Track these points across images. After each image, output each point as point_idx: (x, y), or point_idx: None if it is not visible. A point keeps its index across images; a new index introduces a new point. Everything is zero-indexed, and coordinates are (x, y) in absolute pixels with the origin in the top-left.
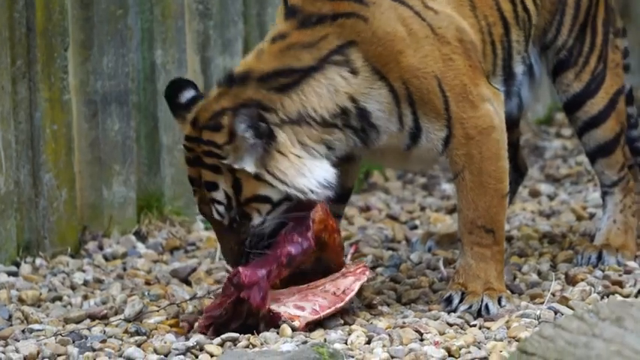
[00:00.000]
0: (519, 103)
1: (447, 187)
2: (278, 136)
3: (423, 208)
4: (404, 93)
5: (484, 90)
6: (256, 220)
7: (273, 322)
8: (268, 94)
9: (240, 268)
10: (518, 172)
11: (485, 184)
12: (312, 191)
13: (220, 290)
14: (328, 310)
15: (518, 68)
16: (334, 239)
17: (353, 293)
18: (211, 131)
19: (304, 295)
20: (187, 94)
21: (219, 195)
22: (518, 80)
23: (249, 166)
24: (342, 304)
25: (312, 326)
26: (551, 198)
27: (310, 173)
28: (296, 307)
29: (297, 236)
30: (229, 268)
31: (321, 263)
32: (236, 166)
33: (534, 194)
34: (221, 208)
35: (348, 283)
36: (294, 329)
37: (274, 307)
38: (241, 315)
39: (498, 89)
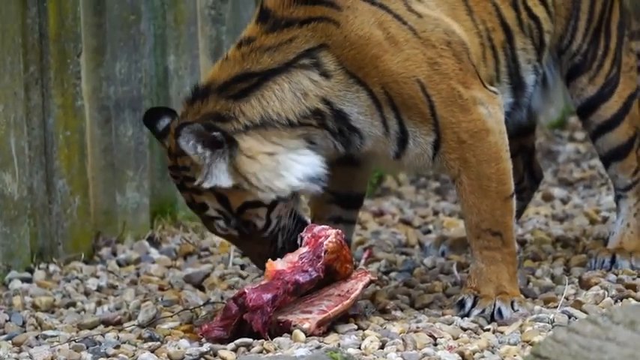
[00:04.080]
0: (528, 113)
1: None
2: (241, 142)
3: (436, 213)
4: (384, 97)
5: (476, 93)
6: (259, 223)
7: (283, 330)
8: (226, 104)
9: (246, 290)
10: (533, 179)
11: (485, 188)
12: (294, 188)
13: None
14: (336, 308)
15: (529, 78)
16: (345, 269)
17: (357, 292)
18: (181, 156)
19: (309, 302)
20: (163, 123)
21: (212, 212)
22: (529, 91)
23: (222, 180)
24: (348, 301)
25: (325, 330)
26: (564, 202)
27: (287, 170)
28: (303, 312)
29: (308, 265)
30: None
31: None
32: (206, 186)
33: (547, 198)
34: (221, 223)
35: (350, 285)
36: (305, 332)
37: (281, 317)
38: (242, 336)
39: (495, 92)
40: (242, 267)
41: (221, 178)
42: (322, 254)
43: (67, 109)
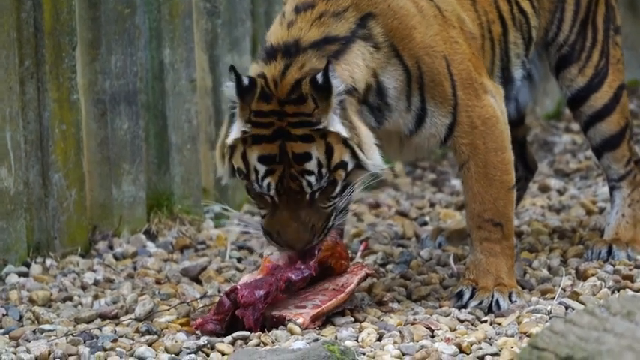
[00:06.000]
0: (516, 107)
1: (457, 184)
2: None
3: (432, 205)
4: (416, 72)
5: (486, 81)
6: (337, 188)
7: (277, 325)
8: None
9: (239, 286)
10: (527, 170)
11: (490, 176)
12: (374, 165)
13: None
14: (330, 302)
15: (518, 73)
16: (341, 265)
17: (353, 285)
18: (296, 104)
19: (304, 297)
20: (244, 79)
21: (311, 165)
22: (517, 85)
23: (341, 129)
24: (343, 295)
25: (321, 322)
26: (560, 193)
27: (375, 146)
28: (297, 307)
29: (300, 260)
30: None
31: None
32: (331, 129)
33: (544, 189)
34: (312, 179)
35: (346, 279)
36: (299, 327)
37: (275, 312)
38: (234, 330)
39: (497, 84)
40: (239, 260)
41: (340, 126)
42: (315, 252)
43: (62, 102)
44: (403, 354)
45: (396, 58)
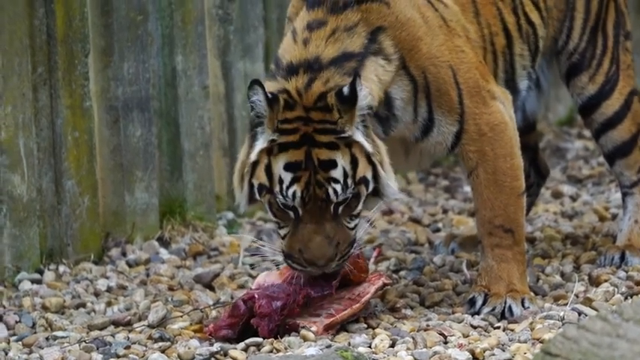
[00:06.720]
0: (524, 116)
1: (469, 190)
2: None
3: (445, 211)
4: (422, 82)
5: (494, 87)
6: (360, 204)
7: (291, 332)
8: (348, 79)
9: (257, 295)
10: (539, 176)
11: (500, 182)
12: (393, 194)
13: (230, 308)
14: (344, 312)
15: (523, 84)
16: (360, 277)
17: (369, 295)
18: (321, 111)
19: (318, 306)
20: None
21: (337, 173)
22: (522, 96)
23: (365, 141)
24: (358, 304)
25: (335, 331)
26: (573, 199)
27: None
28: (311, 315)
29: (322, 280)
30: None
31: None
32: (356, 138)
33: (557, 195)
34: (338, 187)
35: (362, 288)
36: (313, 334)
37: (289, 319)
38: (247, 336)
39: (505, 90)
40: (252, 266)
41: (363, 139)
42: (337, 276)
43: (75, 109)
44: None
45: (403, 69)
